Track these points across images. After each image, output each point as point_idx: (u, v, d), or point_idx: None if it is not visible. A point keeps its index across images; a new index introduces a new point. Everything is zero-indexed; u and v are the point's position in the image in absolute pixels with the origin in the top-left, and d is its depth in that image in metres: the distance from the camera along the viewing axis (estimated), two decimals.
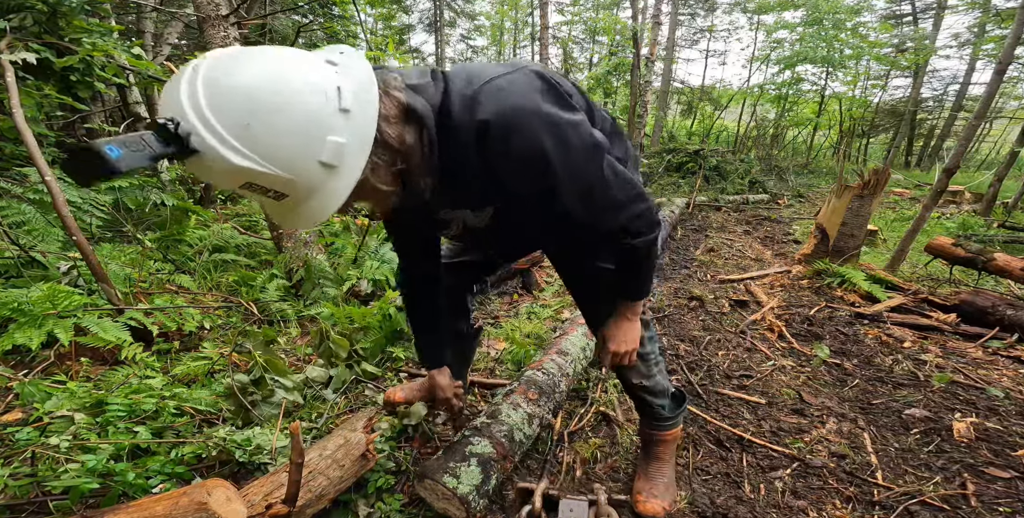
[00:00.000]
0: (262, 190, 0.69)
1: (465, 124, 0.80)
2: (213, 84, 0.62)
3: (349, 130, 0.70)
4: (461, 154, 0.83)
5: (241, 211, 4.19)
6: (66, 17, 2.74)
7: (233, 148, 0.63)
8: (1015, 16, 3.39)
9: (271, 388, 1.70)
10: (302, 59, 0.69)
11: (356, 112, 0.70)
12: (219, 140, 0.62)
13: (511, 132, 0.80)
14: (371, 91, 0.73)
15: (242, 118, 0.63)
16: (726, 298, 3.24)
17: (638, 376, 1.38)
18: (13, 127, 2.07)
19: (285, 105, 0.64)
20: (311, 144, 0.68)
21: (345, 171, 0.72)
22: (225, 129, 0.62)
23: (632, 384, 1.40)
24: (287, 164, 0.67)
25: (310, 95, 0.66)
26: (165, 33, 4.87)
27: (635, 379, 1.39)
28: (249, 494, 1.13)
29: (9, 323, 1.83)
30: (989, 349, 2.58)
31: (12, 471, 1.33)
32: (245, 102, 0.63)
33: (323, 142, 0.68)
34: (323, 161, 0.69)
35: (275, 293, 2.56)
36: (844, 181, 3.54)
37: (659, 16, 10.26)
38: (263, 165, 0.65)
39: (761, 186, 8.00)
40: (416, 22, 17.42)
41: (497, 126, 0.79)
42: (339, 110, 0.68)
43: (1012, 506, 1.50)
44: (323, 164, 0.69)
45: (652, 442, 1.52)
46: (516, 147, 0.81)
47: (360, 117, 0.71)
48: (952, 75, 14.31)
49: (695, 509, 1.47)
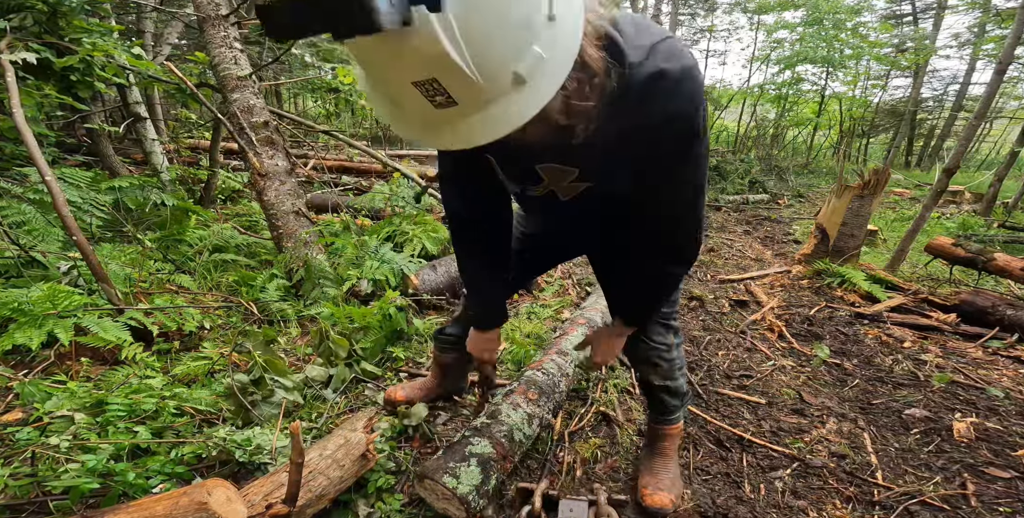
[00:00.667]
0: (436, 91, 0.58)
1: (638, 69, 0.73)
2: None
3: (551, 42, 0.60)
4: (616, 101, 0.74)
5: (241, 211, 4.19)
6: (66, 17, 2.74)
7: (449, 29, 0.52)
8: (1015, 16, 3.39)
9: (271, 388, 1.70)
10: None
11: (562, 22, 0.60)
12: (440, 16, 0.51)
13: (678, 88, 0.77)
14: (575, 2, 0.62)
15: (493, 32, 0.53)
16: (726, 298, 3.24)
17: (662, 378, 1.39)
18: (13, 127, 2.07)
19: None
20: (516, 49, 0.58)
21: (532, 90, 0.61)
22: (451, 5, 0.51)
23: (655, 385, 1.41)
24: (485, 65, 0.56)
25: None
26: (165, 33, 4.87)
27: (659, 381, 1.40)
28: (249, 494, 1.13)
29: (9, 323, 1.83)
30: (989, 349, 2.58)
31: (12, 471, 1.33)
32: None
33: (526, 51, 0.58)
34: (517, 72, 0.59)
35: (275, 293, 2.56)
36: (844, 181, 3.54)
37: (659, 16, 10.26)
38: (464, 59, 0.54)
39: (761, 186, 8.00)
40: None
41: (671, 79, 0.75)
42: (547, 17, 0.58)
43: (1012, 506, 1.50)
44: (516, 76, 0.59)
45: (657, 437, 1.54)
46: (675, 105, 0.78)
47: (565, 30, 0.61)
48: (952, 75, 14.33)
49: (697, 508, 1.47)
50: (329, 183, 4.63)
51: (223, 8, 2.80)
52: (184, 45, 8.11)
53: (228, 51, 2.78)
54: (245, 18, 3.06)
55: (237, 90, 2.78)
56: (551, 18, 0.58)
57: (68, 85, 2.80)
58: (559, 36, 0.60)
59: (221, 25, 2.77)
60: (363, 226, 3.35)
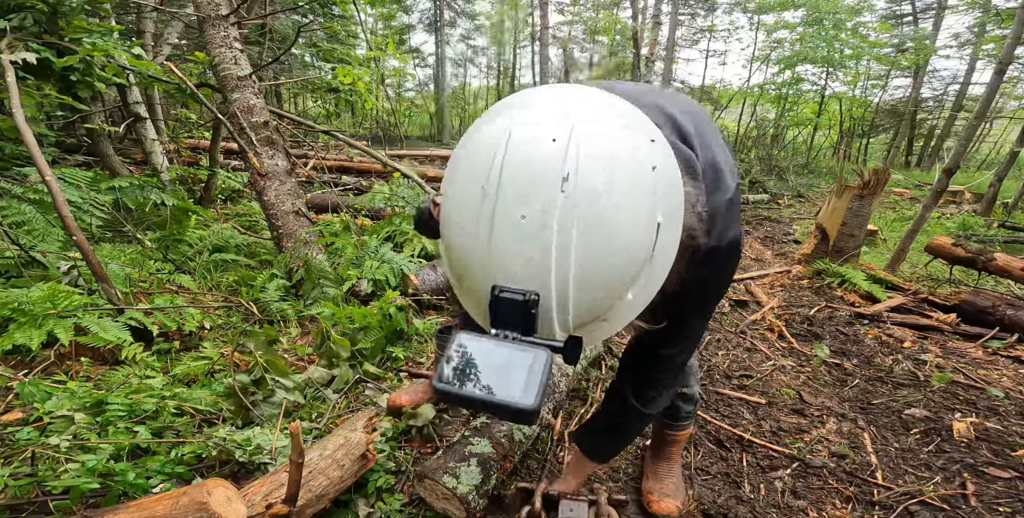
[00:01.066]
0: None
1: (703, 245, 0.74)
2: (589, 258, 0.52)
3: (643, 281, 0.61)
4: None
5: (241, 211, 4.19)
6: (66, 17, 2.73)
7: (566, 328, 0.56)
8: (1015, 16, 3.39)
9: (271, 388, 1.70)
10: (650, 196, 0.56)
11: (657, 260, 0.60)
12: (561, 320, 0.55)
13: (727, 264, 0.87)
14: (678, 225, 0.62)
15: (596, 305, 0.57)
16: (726, 298, 3.25)
17: (681, 385, 1.38)
18: (13, 127, 2.07)
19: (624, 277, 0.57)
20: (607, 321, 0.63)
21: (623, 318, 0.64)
22: (575, 319, 0.55)
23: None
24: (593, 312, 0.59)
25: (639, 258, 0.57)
26: (165, 33, 4.87)
27: (678, 388, 1.38)
28: (249, 494, 1.13)
29: (9, 323, 1.83)
30: (989, 349, 2.58)
31: (12, 471, 1.33)
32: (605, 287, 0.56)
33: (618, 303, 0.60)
34: (603, 319, 0.62)
35: (275, 293, 2.56)
36: (844, 181, 3.54)
37: (659, 16, 10.26)
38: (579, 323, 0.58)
39: (761, 186, 8.00)
40: (416, 22, 17.42)
41: (722, 253, 0.82)
42: (649, 259, 0.59)
43: (1012, 506, 1.50)
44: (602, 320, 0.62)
45: (665, 442, 1.52)
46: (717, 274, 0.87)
47: (658, 269, 0.61)
48: (952, 75, 14.29)
49: (700, 507, 1.47)
50: (329, 183, 4.63)
51: (223, 8, 2.80)
52: (184, 45, 8.11)
53: (228, 51, 2.78)
54: (245, 18, 3.06)
55: (237, 90, 2.78)
56: (649, 258, 0.59)
57: (68, 85, 2.80)
58: (650, 275, 0.61)
59: (221, 25, 2.77)
60: (363, 226, 3.35)
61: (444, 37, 16.57)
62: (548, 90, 0.64)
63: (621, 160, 0.53)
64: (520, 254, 0.51)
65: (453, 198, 0.59)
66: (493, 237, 0.52)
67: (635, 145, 0.56)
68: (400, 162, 5.95)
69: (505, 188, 0.51)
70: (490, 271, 0.54)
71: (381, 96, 6.57)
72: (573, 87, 0.65)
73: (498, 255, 0.53)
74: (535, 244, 0.50)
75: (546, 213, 0.50)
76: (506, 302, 0.52)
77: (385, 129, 14.08)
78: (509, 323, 0.52)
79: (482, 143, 0.56)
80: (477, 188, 0.53)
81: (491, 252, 0.53)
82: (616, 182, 0.52)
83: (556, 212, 0.49)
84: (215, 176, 3.97)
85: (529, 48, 18.47)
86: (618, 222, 0.52)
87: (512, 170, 0.51)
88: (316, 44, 8.58)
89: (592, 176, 0.50)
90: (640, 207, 0.55)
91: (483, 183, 0.52)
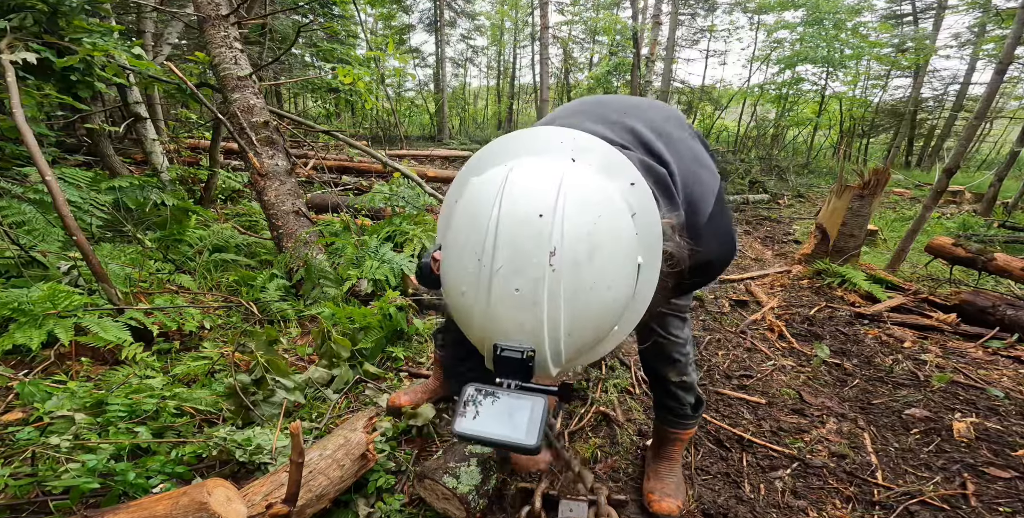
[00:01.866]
0: None
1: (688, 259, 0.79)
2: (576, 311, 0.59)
3: (627, 315, 0.68)
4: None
5: (241, 211, 4.19)
6: (66, 17, 2.73)
7: (561, 369, 0.64)
8: (1015, 16, 3.38)
9: (272, 388, 1.70)
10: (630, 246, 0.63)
11: (640, 294, 0.67)
12: (555, 364, 0.62)
13: (716, 272, 0.98)
14: (657, 257, 0.68)
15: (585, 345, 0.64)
16: (726, 298, 3.25)
17: (678, 374, 1.38)
18: (14, 127, 2.07)
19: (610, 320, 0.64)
20: (595, 349, 0.69)
21: (609, 346, 0.71)
22: (567, 361, 0.63)
23: (672, 382, 1.39)
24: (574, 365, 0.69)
25: (622, 301, 0.64)
26: (165, 33, 4.87)
27: (675, 377, 1.38)
28: (249, 494, 1.13)
29: (9, 323, 1.83)
30: (989, 349, 2.58)
31: (12, 471, 1.33)
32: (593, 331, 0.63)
33: (608, 340, 0.68)
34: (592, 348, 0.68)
35: (275, 293, 2.56)
36: (844, 181, 3.54)
37: (659, 16, 10.25)
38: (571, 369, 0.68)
39: (761, 186, 8.00)
40: (416, 22, 17.41)
41: (712, 266, 0.92)
42: (632, 296, 0.66)
43: (1012, 506, 1.50)
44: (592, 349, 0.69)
45: (668, 441, 1.52)
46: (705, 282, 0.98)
47: (640, 302, 0.68)
48: (952, 75, 14.27)
49: (701, 506, 1.47)
50: (329, 183, 4.63)
51: (223, 8, 2.80)
52: (184, 45, 8.11)
53: (228, 51, 2.78)
54: (245, 18, 3.06)
55: (237, 90, 2.78)
56: (631, 297, 0.66)
57: (68, 85, 2.80)
58: (633, 311, 0.68)
59: (221, 25, 2.77)
60: (363, 226, 3.35)
61: (444, 37, 16.56)
62: (533, 139, 0.71)
63: (603, 220, 0.60)
64: (516, 319, 0.59)
65: (452, 264, 0.65)
66: (491, 304, 0.59)
67: (615, 197, 0.63)
68: (400, 162, 5.95)
69: (499, 262, 0.58)
70: (490, 331, 0.62)
71: (381, 96, 6.58)
72: (561, 134, 0.71)
73: (497, 319, 0.60)
74: (529, 313, 0.58)
75: (536, 288, 0.57)
76: (506, 358, 0.60)
77: (385, 129, 14.07)
78: (510, 374, 0.61)
79: (477, 209, 0.62)
80: (474, 259, 0.60)
81: (490, 316, 0.60)
82: (598, 247, 0.59)
83: (545, 286, 0.57)
84: (215, 176, 3.97)
85: (529, 48, 18.47)
86: (602, 283, 0.60)
87: (505, 247, 0.58)
88: (316, 44, 8.58)
89: (574, 249, 0.57)
90: (621, 261, 0.62)
91: (479, 255, 0.59)
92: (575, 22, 16.77)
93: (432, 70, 17.99)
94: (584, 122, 0.91)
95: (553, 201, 0.58)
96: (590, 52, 17.53)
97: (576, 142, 0.69)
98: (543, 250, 0.56)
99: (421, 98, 18.40)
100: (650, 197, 0.68)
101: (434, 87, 17.70)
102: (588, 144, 0.69)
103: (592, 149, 0.69)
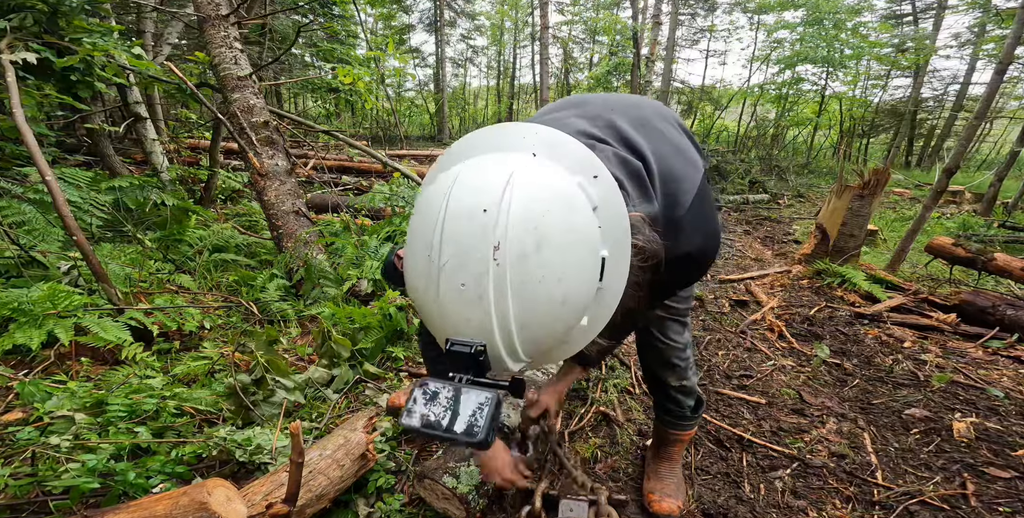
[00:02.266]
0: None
1: (668, 254, 0.78)
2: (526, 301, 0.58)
3: (595, 308, 0.67)
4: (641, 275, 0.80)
5: (241, 211, 4.19)
6: (66, 17, 2.73)
7: (522, 364, 0.64)
8: (1015, 16, 3.38)
9: (272, 388, 1.70)
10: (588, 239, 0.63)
11: (608, 288, 0.67)
12: (513, 359, 0.62)
13: (699, 267, 0.95)
14: (626, 251, 0.68)
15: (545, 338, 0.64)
16: (726, 298, 3.25)
17: (677, 378, 1.37)
18: (14, 127, 2.07)
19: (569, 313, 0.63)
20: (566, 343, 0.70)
21: (591, 327, 0.70)
22: (527, 355, 0.63)
23: (672, 386, 1.39)
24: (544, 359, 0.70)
25: (582, 295, 0.63)
26: (165, 33, 4.87)
27: (675, 381, 1.38)
28: (249, 494, 1.13)
29: (9, 323, 1.83)
30: (989, 349, 2.58)
31: (12, 471, 1.33)
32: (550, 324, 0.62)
33: (573, 329, 0.67)
34: (563, 341, 0.69)
35: (275, 293, 2.56)
36: (844, 181, 3.54)
37: (659, 16, 10.26)
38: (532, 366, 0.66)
39: (761, 186, 8.00)
40: (416, 22, 17.42)
41: (693, 260, 0.89)
42: (596, 290, 0.65)
43: (1012, 506, 1.50)
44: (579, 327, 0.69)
45: (668, 442, 1.51)
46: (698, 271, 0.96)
47: (610, 296, 0.68)
48: (952, 75, 14.28)
49: (701, 506, 1.47)
50: (329, 183, 4.63)
51: (223, 8, 2.80)
52: (184, 45, 8.11)
53: (228, 51, 2.78)
54: (245, 18, 3.06)
55: (237, 90, 2.78)
56: (599, 289, 0.65)
57: (68, 85, 2.80)
58: (603, 302, 0.68)
59: (221, 25, 2.77)
60: (363, 226, 3.35)
61: (444, 37, 16.57)
62: (498, 135, 0.71)
63: (554, 213, 0.59)
64: (463, 314, 0.59)
65: (409, 260, 0.66)
66: (439, 300, 0.59)
67: (572, 191, 0.62)
68: (400, 162, 5.94)
69: (445, 258, 0.58)
70: (441, 327, 0.62)
71: (381, 96, 6.58)
72: (525, 130, 0.70)
73: (446, 316, 0.60)
74: (475, 309, 0.58)
75: (480, 282, 0.56)
76: (457, 352, 0.59)
77: (385, 129, 14.07)
78: (462, 368, 0.60)
79: (429, 206, 0.62)
80: (425, 255, 0.60)
81: (440, 312, 0.60)
82: (546, 239, 0.58)
83: (490, 281, 0.56)
84: (215, 176, 3.97)
85: (529, 48, 18.47)
86: (552, 276, 0.59)
87: (450, 242, 0.58)
88: (316, 44, 8.58)
89: (520, 241, 0.56)
90: (576, 253, 0.61)
91: (429, 251, 0.59)
92: (575, 22, 16.78)
93: (432, 70, 18.00)
94: (568, 117, 0.90)
95: (499, 196, 0.57)
96: (590, 52, 17.53)
97: (539, 136, 0.69)
98: (487, 244, 0.56)
99: (421, 98, 18.40)
100: (615, 191, 0.67)
101: (434, 87, 17.71)
102: (552, 139, 0.69)
103: (556, 143, 0.69)
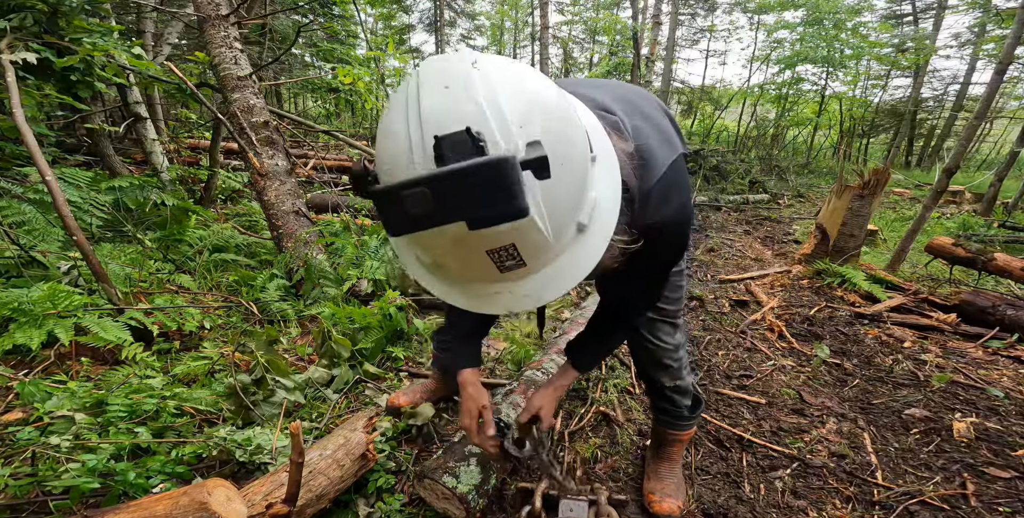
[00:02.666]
0: (509, 255, 0.56)
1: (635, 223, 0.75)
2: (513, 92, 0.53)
3: (600, 183, 0.61)
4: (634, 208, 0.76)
5: (241, 211, 4.18)
6: (66, 17, 2.73)
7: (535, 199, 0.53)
8: (1015, 16, 3.38)
9: (272, 388, 1.70)
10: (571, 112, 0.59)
11: (602, 158, 0.62)
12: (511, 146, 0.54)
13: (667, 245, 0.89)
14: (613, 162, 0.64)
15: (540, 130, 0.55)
16: (726, 298, 3.25)
17: (671, 379, 1.38)
18: (14, 127, 2.07)
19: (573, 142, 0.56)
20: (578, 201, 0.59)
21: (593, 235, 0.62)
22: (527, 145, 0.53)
23: (666, 387, 1.39)
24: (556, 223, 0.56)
25: (579, 130, 0.58)
26: (165, 33, 4.87)
27: (669, 382, 1.38)
28: (249, 494, 1.13)
29: (9, 323, 1.83)
30: (989, 349, 2.58)
31: (12, 471, 1.33)
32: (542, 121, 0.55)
33: (584, 200, 0.59)
34: (580, 222, 0.59)
35: (275, 293, 2.56)
36: (844, 181, 3.54)
37: (659, 16, 10.26)
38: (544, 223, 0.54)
39: (761, 186, 8.00)
40: (416, 22, 17.41)
41: (661, 233, 0.83)
42: (592, 159, 0.60)
43: (1012, 506, 1.50)
44: (579, 225, 0.60)
45: (667, 442, 1.51)
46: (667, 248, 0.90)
47: (608, 163, 0.63)
48: (952, 75, 14.29)
49: (701, 506, 1.47)
50: (329, 183, 4.63)
51: (223, 8, 2.80)
52: (184, 45, 8.11)
53: (228, 51, 2.78)
54: (245, 18, 3.06)
55: (237, 90, 2.78)
56: (593, 159, 0.61)
57: (68, 85, 2.80)
58: (604, 172, 0.62)
59: (221, 25, 2.77)
60: (363, 226, 3.35)
61: (444, 37, 16.56)
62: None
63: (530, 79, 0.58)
64: (450, 111, 0.51)
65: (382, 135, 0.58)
66: (421, 107, 0.52)
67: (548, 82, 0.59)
68: None
69: (424, 81, 0.54)
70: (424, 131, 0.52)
71: (381, 96, 6.57)
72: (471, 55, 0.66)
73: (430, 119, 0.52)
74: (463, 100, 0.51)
75: (467, 79, 0.52)
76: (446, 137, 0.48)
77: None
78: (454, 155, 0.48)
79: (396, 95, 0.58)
80: (401, 97, 0.55)
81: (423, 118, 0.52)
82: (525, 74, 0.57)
83: (475, 78, 0.52)
84: (215, 176, 3.97)
85: (529, 48, 18.46)
86: (535, 83, 0.56)
87: (427, 75, 0.55)
88: (316, 44, 8.58)
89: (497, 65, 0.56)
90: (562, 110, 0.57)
91: (404, 94, 0.55)
92: (575, 22, 16.77)
93: None
94: None
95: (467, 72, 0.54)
96: (590, 52, 17.52)
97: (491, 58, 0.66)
98: (465, 62, 0.54)
99: None
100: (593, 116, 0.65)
101: None
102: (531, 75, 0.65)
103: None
